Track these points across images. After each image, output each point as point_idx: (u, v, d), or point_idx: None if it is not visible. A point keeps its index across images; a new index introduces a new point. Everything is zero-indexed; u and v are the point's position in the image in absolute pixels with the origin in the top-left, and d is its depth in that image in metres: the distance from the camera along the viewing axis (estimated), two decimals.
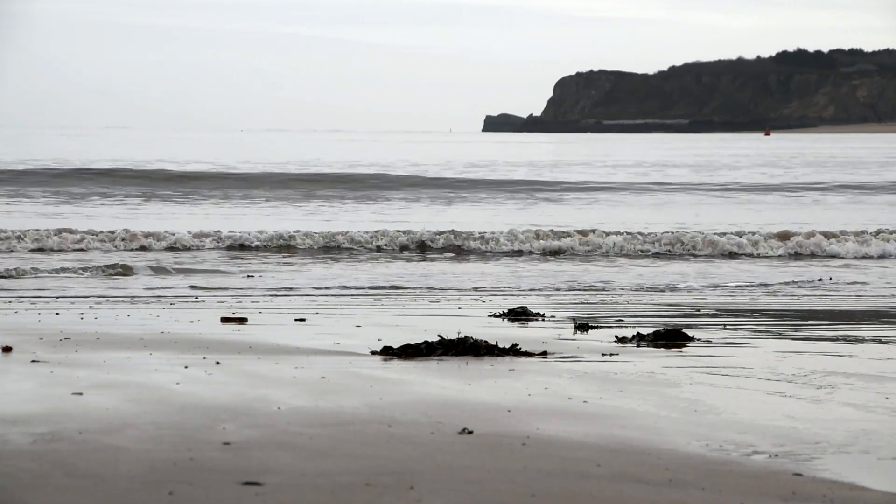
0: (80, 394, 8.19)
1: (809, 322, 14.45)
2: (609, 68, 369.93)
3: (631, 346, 11.58)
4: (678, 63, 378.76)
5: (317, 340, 11.59)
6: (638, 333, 12.05)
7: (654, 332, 11.95)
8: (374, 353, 10.66)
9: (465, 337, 10.79)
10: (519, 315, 14.15)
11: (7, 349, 10.39)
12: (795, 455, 6.77)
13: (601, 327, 13.14)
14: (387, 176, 51.22)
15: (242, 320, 13.44)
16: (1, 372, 9.28)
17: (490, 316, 14.37)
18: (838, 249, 25.78)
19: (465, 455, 6.55)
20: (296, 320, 13.68)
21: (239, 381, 8.95)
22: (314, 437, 6.92)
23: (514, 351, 10.65)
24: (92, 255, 23.67)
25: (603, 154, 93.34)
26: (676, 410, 8.07)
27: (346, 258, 24.29)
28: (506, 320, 13.94)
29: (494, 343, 10.73)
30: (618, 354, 10.91)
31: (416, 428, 7.22)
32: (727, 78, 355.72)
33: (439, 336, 10.81)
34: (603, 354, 10.89)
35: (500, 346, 10.71)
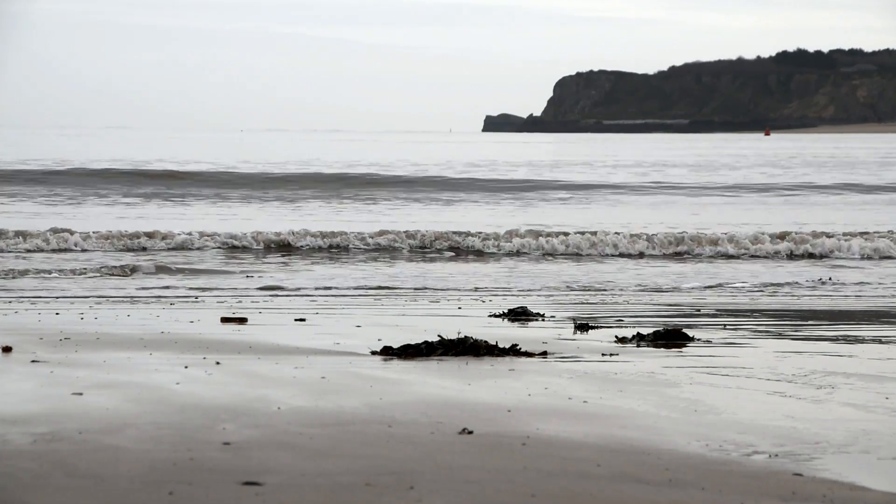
0: (80, 394, 8.19)
1: (809, 322, 14.45)
2: (609, 68, 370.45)
3: (631, 346, 11.58)
4: (678, 63, 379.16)
5: (317, 340, 11.59)
6: (638, 333, 12.05)
7: (654, 332, 11.95)
8: (374, 353, 10.66)
9: (465, 337, 10.79)
10: (519, 315, 14.15)
11: (7, 349, 10.39)
12: (795, 455, 6.77)
13: (601, 327, 13.14)
14: (386, 176, 51.22)
15: (242, 320, 13.44)
16: (1, 372, 9.28)
17: (490, 316, 14.37)
18: (838, 249, 25.77)
19: (465, 455, 6.55)
20: (296, 320, 13.68)
21: (239, 381, 8.95)
22: (314, 437, 6.92)
23: (514, 351, 10.65)
24: (92, 255, 23.67)
25: (603, 154, 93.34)
26: (676, 410, 8.07)
27: (346, 258, 24.29)
28: (506, 320, 13.94)
29: (494, 343, 10.73)
30: (618, 354, 10.91)
31: (416, 428, 7.22)
32: (727, 78, 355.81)
33: (439, 336, 10.81)
34: (603, 354, 10.89)
35: (500, 346, 10.71)
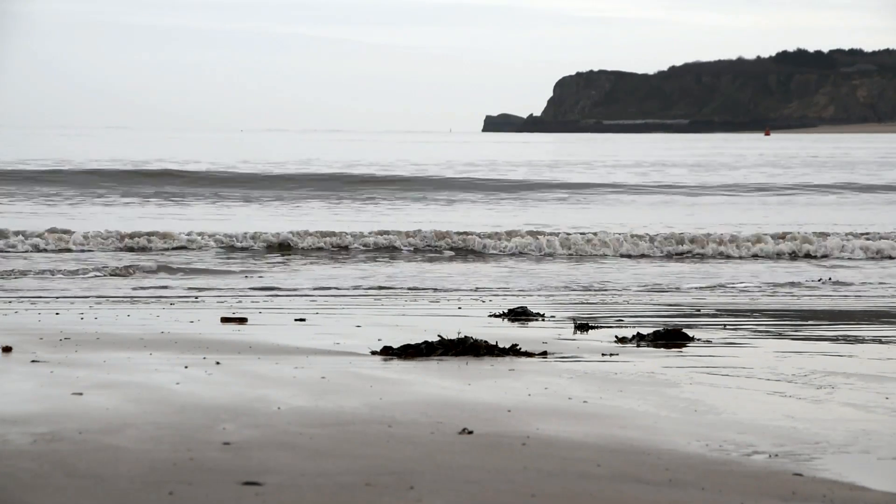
0: (80, 394, 8.19)
1: (809, 322, 14.45)
2: (609, 68, 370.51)
3: (631, 346, 11.58)
4: (678, 63, 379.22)
5: (317, 340, 11.59)
6: (638, 333, 12.05)
7: (654, 332, 11.95)
8: (374, 353, 10.66)
9: (465, 337, 10.79)
10: (519, 315, 14.15)
11: (7, 349, 10.39)
12: (795, 455, 6.77)
13: (601, 327, 13.14)
14: (386, 176, 51.22)
15: (242, 320, 13.44)
16: (1, 372, 9.28)
17: (490, 316, 14.37)
18: (838, 249, 25.77)
19: (465, 455, 6.55)
20: (296, 320, 13.68)
21: (239, 381, 8.95)
22: (314, 437, 6.92)
23: (514, 351, 10.65)
24: (91, 255, 23.67)
25: (603, 154, 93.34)
26: (676, 410, 8.07)
27: (346, 258, 24.29)
28: (506, 320, 13.94)
29: (494, 343, 10.73)
30: (618, 354, 10.91)
31: (416, 428, 7.22)
32: (727, 78, 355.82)
33: (439, 336, 10.81)
34: (603, 354, 10.89)
35: (500, 346, 10.71)
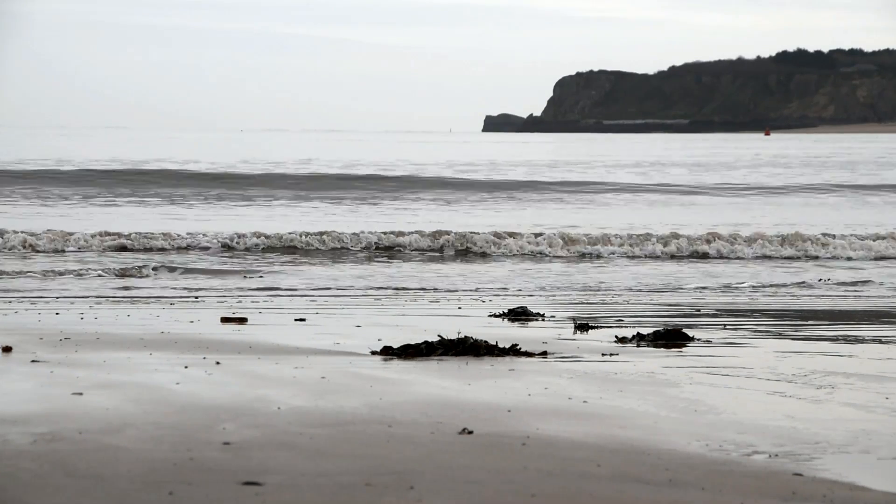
0: (80, 394, 8.19)
1: (809, 322, 14.45)
2: (609, 68, 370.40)
3: (631, 346, 11.58)
4: (678, 63, 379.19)
5: (317, 340, 11.59)
6: (638, 333, 12.05)
7: (654, 332, 11.95)
8: (374, 353, 10.66)
9: (465, 337, 10.79)
10: (519, 315, 14.15)
11: (7, 349, 10.39)
12: (795, 455, 6.77)
13: (601, 327, 13.14)
14: (385, 176, 51.21)
15: (242, 320, 13.44)
16: (1, 372, 9.28)
17: (490, 316, 14.37)
18: (839, 249, 25.77)
19: (465, 455, 6.55)
20: (296, 320, 13.68)
21: (239, 381, 8.95)
22: (314, 437, 6.92)
23: (514, 351, 10.65)
24: (91, 255, 23.67)
25: (602, 154, 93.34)
26: (676, 410, 8.07)
27: (346, 258, 24.29)
28: (506, 320, 13.94)
29: (494, 343, 10.73)
30: (618, 354, 10.91)
31: (416, 428, 7.22)
32: (727, 78, 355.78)
33: (439, 336, 10.81)
34: (603, 354, 10.89)
35: (500, 346, 10.71)
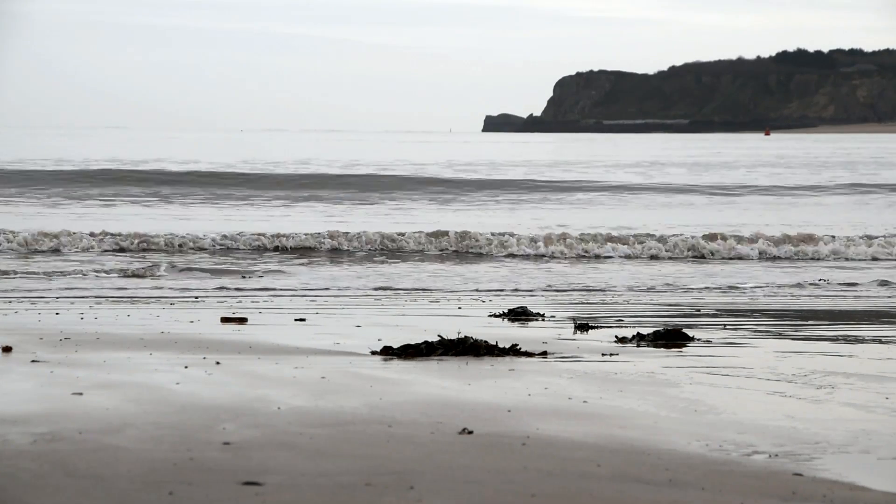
0: (80, 394, 8.19)
1: (809, 322, 14.45)
2: (609, 68, 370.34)
3: (631, 346, 11.58)
4: (678, 63, 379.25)
5: (317, 340, 11.59)
6: (638, 333, 12.05)
7: (654, 332, 11.95)
8: (374, 353, 10.66)
9: (465, 337, 10.79)
10: (519, 315, 14.15)
11: (7, 349, 10.39)
12: (795, 455, 6.77)
13: (601, 327, 13.14)
14: (385, 176, 51.21)
15: (242, 320, 13.44)
16: (1, 372, 9.28)
17: (490, 316, 14.37)
18: (839, 249, 25.77)
19: (465, 455, 6.55)
20: (296, 320, 13.68)
21: (239, 381, 8.95)
22: (314, 437, 6.92)
23: (514, 351, 10.65)
24: (91, 256, 23.67)
25: (602, 154, 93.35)
26: (676, 410, 8.07)
27: (346, 258, 24.29)
28: (506, 320, 13.94)
29: (494, 343, 10.73)
30: (618, 354, 10.91)
31: (416, 428, 7.22)
32: (727, 78, 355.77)
33: (439, 336, 10.81)
34: (603, 354, 10.89)
35: (500, 346, 10.71)
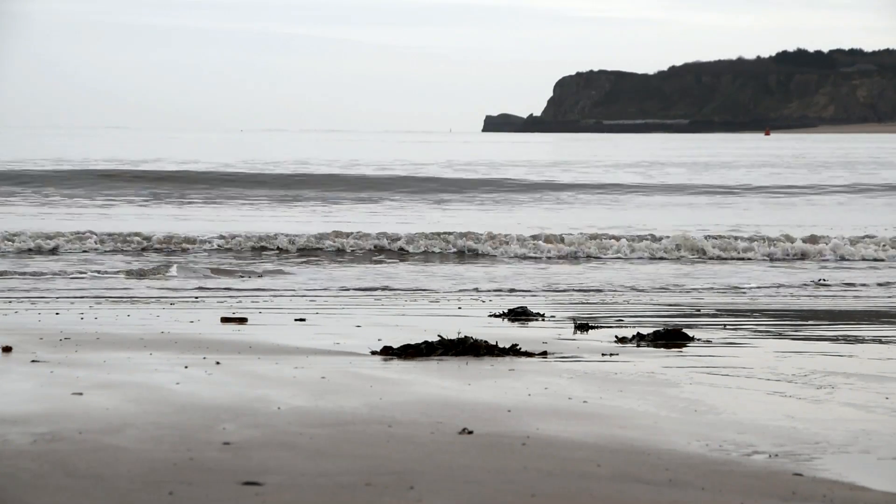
0: (80, 394, 8.19)
1: (809, 322, 14.45)
2: (609, 68, 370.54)
3: (631, 346, 11.58)
4: (678, 63, 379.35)
5: (317, 340, 11.59)
6: (638, 333, 12.05)
7: (654, 332, 11.95)
8: (374, 353, 10.66)
9: (465, 337, 10.79)
10: (519, 315, 14.15)
11: (7, 349, 10.39)
12: (795, 455, 6.77)
13: (601, 327, 13.14)
14: (385, 176, 51.20)
15: (242, 320, 13.44)
16: (1, 372, 9.28)
17: (490, 316, 14.37)
18: (838, 249, 25.78)
19: (465, 455, 6.55)
20: (296, 320, 13.68)
21: (239, 381, 8.95)
22: (314, 437, 6.92)
23: (514, 351, 10.64)
24: (90, 255, 23.67)
25: (602, 154, 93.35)
26: (676, 410, 8.07)
27: (346, 258, 24.29)
28: (506, 320, 13.94)
29: (494, 343, 10.73)
30: (618, 354, 10.91)
31: (416, 428, 7.22)
32: (727, 78, 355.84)
33: (439, 336, 10.81)
34: (603, 354, 10.89)
35: (500, 346, 10.71)
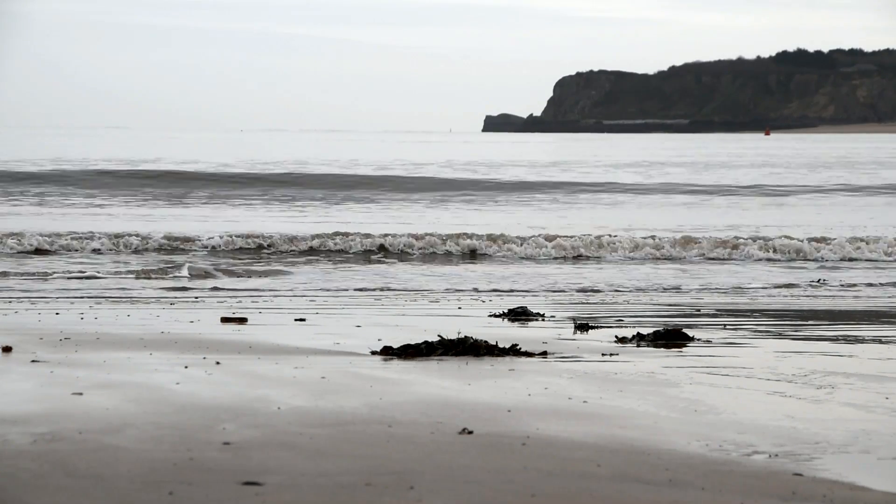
0: (80, 394, 8.19)
1: (809, 322, 14.45)
2: (609, 68, 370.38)
3: (631, 346, 11.58)
4: (678, 63, 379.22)
5: (317, 340, 11.59)
6: (638, 333, 12.05)
7: (654, 332, 11.95)
8: (374, 353, 10.66)
9: (465, 337, 10.79)
10: (519, 315, 14.15)
11: (7, 349, 10.39)
12: (795, 455, 6.77)
13: (601, 327, 13.14)
14: (385, 176, 51.20)
15: (242, 320, 13.44)
16: (1, 372, 9.28)
17: (490, 316, 14.37)
18: (838, 249, 25.78)
19: (465, 455, 6.55)
20: (296, 320, 13.68)
21: (239, 381, 8.95)
22: (314, 437, 6.92)
23: (514, 351, 10.64)
24: (90, 256, 23.67)
25: (602, 154, 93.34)
26: (676, 410, 8.07)
27: (346, 258, 24.29)
28: (506, 320, 13.94)
29: (494, 343, 10.73)
30: (618, 354, 10.91)
31: (416, 428, 7.22)
32: (727, 78, 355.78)
33: (439, 336, 10.81)
34: (603, 354, 10.89)
35: (500, 346, 10.71)
